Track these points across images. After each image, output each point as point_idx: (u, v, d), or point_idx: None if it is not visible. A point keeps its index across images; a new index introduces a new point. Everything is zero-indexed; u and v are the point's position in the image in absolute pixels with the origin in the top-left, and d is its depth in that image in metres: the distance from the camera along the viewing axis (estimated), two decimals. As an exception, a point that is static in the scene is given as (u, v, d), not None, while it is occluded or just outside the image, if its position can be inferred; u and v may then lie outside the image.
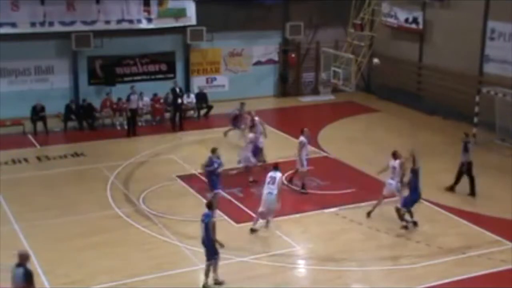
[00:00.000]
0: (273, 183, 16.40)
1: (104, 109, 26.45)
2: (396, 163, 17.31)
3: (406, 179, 17.06)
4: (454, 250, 15.86)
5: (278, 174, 16.54)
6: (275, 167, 16.92)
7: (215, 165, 17.53)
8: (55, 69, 27.21)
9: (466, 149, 19.20)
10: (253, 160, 20.23)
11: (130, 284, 14.14)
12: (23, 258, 11.52)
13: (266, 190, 16.49)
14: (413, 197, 16.88)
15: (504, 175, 20.56)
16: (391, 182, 17.37)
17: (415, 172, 16.81)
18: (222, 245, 13.96)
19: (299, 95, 31.39)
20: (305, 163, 19.41)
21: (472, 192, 19.21)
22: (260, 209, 16.53)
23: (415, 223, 17.09)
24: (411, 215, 17.09)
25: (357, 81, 29.34)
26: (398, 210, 16.90)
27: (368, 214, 17.63)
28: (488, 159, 22.49)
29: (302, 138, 19.44)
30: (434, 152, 23.15)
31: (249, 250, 15.55)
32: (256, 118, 21.75)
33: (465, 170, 19.23)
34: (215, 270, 14.04)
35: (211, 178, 17.67)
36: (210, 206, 14.25)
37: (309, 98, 31.17)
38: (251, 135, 20.83)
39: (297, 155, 19.38)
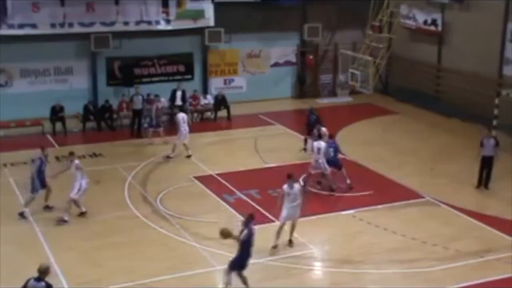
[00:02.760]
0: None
1: (121, 111, 26.60)
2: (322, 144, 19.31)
3: None
4: (472, 253, 15.74)
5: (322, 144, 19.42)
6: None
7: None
8: (74, 70, 27.41)
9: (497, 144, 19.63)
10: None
11: (147, 284, 14.18)
12: (45, 272, 11.22)
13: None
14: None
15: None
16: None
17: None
18: None
19: (316, 97, 31.36)
20: (326, 165, 19.59)
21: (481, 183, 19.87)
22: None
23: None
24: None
25: (375, 83, 29.22)
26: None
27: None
28: (508, 162, 22.30)
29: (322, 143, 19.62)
30: (453, 155, 23.03)
31: (265, 252, 15.54)
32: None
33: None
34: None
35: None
36: None
37: (326, 100, 31.12)
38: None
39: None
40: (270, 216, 17.55)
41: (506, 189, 19.54)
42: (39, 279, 11.18)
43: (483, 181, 19.76)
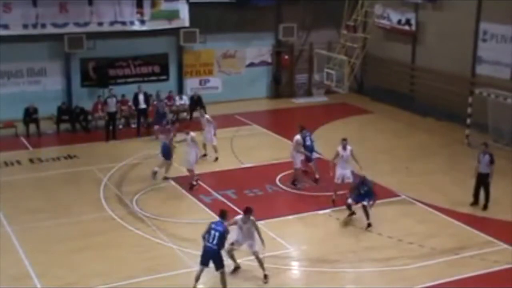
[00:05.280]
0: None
1: (96, 112, 26.37)
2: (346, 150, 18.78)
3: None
4: (447, 251, 15.90)
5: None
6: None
7: None
8: (47, 71, 27.11)
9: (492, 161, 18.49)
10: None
11: (124, 287, 14.10)
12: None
13: None
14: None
15: (497, 176, 20.55)
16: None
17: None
18: None
19: (292, 97, 31.42)
20: (298, 161, 19.62)
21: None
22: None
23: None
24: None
25: (350, 82, 29.37)
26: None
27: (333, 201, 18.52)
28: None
29: (298, 137, 19.62)
30: (428, 154, 23.23)
31: (243, 252, 15.51)
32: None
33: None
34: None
35: None
36: None
37: (302, 100, 31.20)
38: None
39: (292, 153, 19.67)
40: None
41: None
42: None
43: (483, 201, 18.49)
